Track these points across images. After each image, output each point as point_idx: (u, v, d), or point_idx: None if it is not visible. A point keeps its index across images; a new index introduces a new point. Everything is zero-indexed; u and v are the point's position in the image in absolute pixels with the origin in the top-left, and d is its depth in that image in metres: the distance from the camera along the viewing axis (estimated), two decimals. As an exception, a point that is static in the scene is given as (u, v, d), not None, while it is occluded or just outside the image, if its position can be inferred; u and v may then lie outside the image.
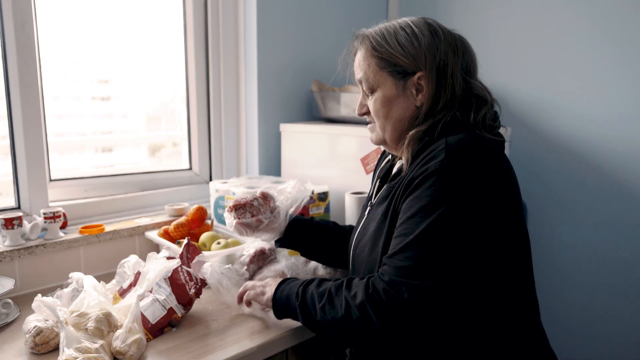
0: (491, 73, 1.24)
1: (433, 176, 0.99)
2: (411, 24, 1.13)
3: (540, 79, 1.99)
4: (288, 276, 1.47)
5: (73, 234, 1.60)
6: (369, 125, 1.24)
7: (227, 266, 1.34)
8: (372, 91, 1.16)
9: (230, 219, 1.34)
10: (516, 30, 2.04)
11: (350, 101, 1.91)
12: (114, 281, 1.43)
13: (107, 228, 1.66)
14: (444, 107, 1.10)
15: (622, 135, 1.83)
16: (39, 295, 1.19)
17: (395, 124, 1.15)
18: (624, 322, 1.90)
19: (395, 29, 1.14)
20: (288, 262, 1.49)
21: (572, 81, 1.92)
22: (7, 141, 1.58)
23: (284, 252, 1.50)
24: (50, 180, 1.70)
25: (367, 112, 1.21)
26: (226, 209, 1.35)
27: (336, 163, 1.86)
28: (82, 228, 1.63)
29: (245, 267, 1.50)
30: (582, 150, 1.91)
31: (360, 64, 1.18)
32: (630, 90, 1.80)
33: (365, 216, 1.23)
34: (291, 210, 1.37)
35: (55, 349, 1.12)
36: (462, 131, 1.06)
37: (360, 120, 1.90)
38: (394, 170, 1.21)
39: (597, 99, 1.87)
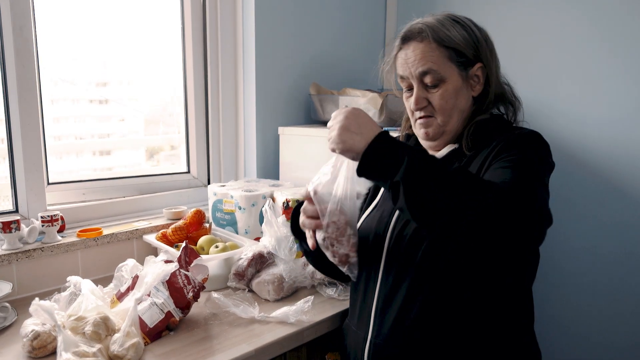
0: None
1: (526, 138, 1.07)
2: (459, 17, 1.16)
3: (539, 82, 1.99)
4: (286, 280, 1.47)
5: (71, 237, 1.60)
6: (422, 120, 1.17)
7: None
8: (438, 84, 1.13)
9: None
10: (514, 33, 2.04)
11: (348, 104, 1.91)
12: (111, 285, 1.43)
13: (105, 231, 1.66)
14: (495, 99, 1.18)
15: (619, 137, 1.83)
16: (37, 299, 1.18)
17: (459, 115, 1.16)
18: (620, 323, 1.90)
19: (449, 21, 1.14)
20: (286, 266, 1.49)
21: (570, 84, 1.93)
22: (5, 144, 1.58)
23: (282, 256, 1.50)
24: (48, 183, 1.69)
25: (425, 107, 1.16)
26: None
27: (334, 166, 1.86)
28: (80, 231, 1.62)
29: (243, 270, 1.50)
30: (580, 153, 1.91)
31: (425, 55, 1.12)
32: (627, 92, 1.81)
33: None
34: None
35: (53, 353, 1.12)
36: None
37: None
38: (441, 155, 1.17)
39: (595, 102, 1.88)
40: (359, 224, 1.27)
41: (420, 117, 1.18)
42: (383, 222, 1.18)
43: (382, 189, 1.28)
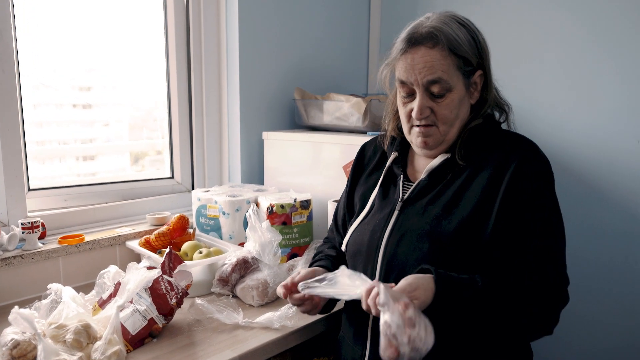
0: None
1: (544, 178, 1.09)
2: (463, 20, 1.12)
3: (520, 87, 2.01)
4: (271, 285, 1.46)
5: (52, 244, 1.57)
6: (423, 129, 1.12)
7: None
8: (445, 93, 1.08)
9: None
10: (495, 38, 2.05)
11: (332, 109, 1.91)
12: (93, 292, 1.41)
13: (87, 238, 1.64)
14: (490, 104, 1.17)
15: (599, 143, 1.86)
16: (17, 307, 1.16)
17: (459, 124, 1.14)
18: (603, 327, 1.92)
19: (456, 24, 1.09)
20: (271, 271, 1.49)
21: (551, 90, 1.95)
22: (-16, 150, 1.55)
23: (266, 261, 1.49)
24: (29, 189, 1.67)
25: (427, 116, 1.11)
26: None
27: (319, 171, 1.86)
28: (61, 238, 1.60)
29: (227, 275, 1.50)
30: (561, 158, 1.94)
31: (435, 63, 1.06)
32: (608, 98, 1.83)
33: (397, 212, 1.16)
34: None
35: (33, 362, 1.10)
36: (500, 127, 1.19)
37: (342, 128, 1.91)
38: (434, 164, 1.15)
39: (575, 108, 1.90)
40: (347, 236, 1.25)
41: (419, 125, 1.13)
42: (375, 237, 1.17)
43: (371, 199, 1.25)
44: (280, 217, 1.66)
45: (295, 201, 1.68)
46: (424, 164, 1.21)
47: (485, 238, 1.05)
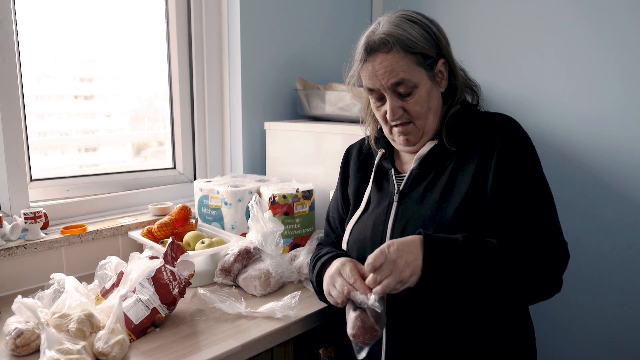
0: (472, 72, 1.26)
1: (527, 156, 1.12)
2: (412, 16, 1.15)
3: (522, 77, 2.00)
4: (273, 275, 1.47)
5: (54, 234, 1.58)
6: (401, 128, 1.18)
7: None
8: (411, 91, 1.13)
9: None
10: (498, 29, 2.05)
11: (334, 99, 1.91)
12: (96, 282, 1.42)
13: (90, 228, 1.64)
14: (462, 89, 1.20)
15: (602, 132, 1.85)
16: (20, 296, 1.17)
17: (435, 115, 1.18)
18: (605, 316, 1.92)
19: (406, 23, 1.13)
20: (273, 261, 1.49)
21: (554, 79, 1.94)
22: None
23: (268, 251, 1.49)
24: (31, 180, 1.67)
25: (401, 115, 1.16)
26: None
27: (321, 161, 1.86)
28: (64, 228, 1.61)
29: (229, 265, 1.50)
30: (564, 147, 1.93)
31: (395, 66, 1.11)
32: (610, 88, 1.82)
33: (396, 203, 1.19)
34: None
35: (37, 351, 1.10)
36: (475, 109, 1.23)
37: (344, 118, 1.90)
38: (423, 152, 1.19)
39: (578, 97, 1.89)
40: (347, 233, 1.27)
41: (396, 125, 1.18)
42: (378, 230, 1.19)
43: (365, 195, 1.28)
44: (282, 207, 1.66)
45: (297, 191, 1.68)
46: (410, 156, 1.25)
47: (485, 217, 1.09)
